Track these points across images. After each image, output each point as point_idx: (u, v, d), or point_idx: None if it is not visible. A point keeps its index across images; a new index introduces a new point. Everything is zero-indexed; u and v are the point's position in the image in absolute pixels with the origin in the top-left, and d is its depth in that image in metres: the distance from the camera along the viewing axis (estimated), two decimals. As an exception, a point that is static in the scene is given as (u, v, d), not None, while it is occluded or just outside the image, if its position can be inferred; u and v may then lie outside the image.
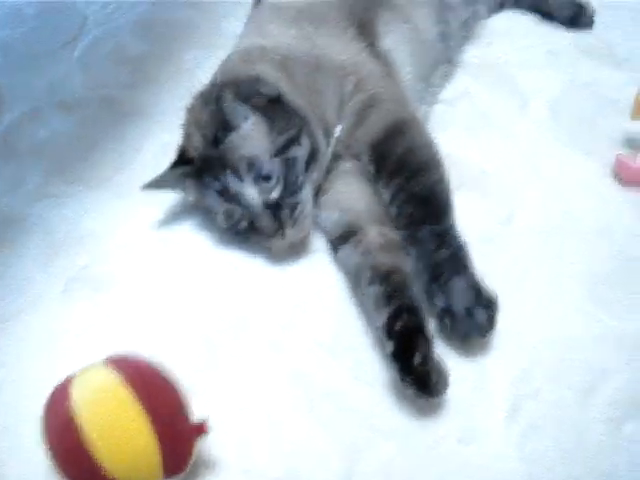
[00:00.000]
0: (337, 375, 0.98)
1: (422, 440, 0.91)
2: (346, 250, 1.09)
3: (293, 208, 1.06)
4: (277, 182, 1.05)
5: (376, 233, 1.08)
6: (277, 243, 1.09)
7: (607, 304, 1.05)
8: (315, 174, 1.11)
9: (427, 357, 0.89)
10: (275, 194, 1.06)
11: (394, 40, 1.29)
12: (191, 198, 1.15)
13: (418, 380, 0.88)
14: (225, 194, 1.06)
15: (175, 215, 1.23)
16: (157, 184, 1.14)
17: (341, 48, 1.20)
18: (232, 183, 1.05)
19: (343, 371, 0.99)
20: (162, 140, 1.36)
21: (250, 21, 1.37)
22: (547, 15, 1.65)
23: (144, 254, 1.19)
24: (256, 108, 1.07)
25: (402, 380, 0.90)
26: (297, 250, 1.14)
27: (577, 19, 1.62)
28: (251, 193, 1.05)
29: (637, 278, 1.09)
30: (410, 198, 1.06)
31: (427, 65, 1.35)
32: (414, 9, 1.36)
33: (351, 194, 1.15)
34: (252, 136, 1.06)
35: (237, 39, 1.35)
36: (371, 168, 1.13)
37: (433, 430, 0.91)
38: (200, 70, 1.54)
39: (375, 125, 1.13)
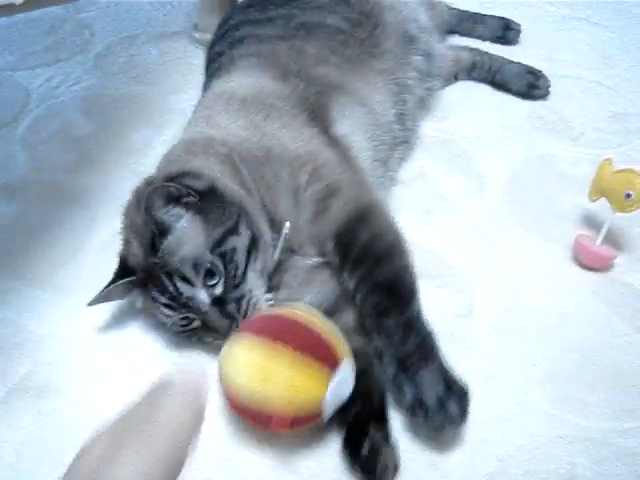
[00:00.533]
0: None
1: None
2: None
3: (238, 301, 1.01)
4: (220, 277, 1.00)
5: (352, 315, 1.07)
6: None
7: (570, 403, 1.02)
8: (259, 263, 1.05)
9: (376, 446, 0.91)
10: (218, 290, 1.01)
11: (350, 124, 1.26)
12: (139, 305, 1.08)
13: (365, 469, 0.90)
14: (175, 301, 1.00)
15: (123, 314, 1.17)
16: (103, 298, 1.08)
17: (293, 137, 1.16)
18: (183, 289, 0.99)
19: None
20: (111, 228, 1.28)
21: (200, 107, 1.32)
22: (502, 86, 1.66)
23: (90, 359, 1.11)
24: (189, 205, 1.02)
25: (352, 466, 0.92)
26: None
27: (532, 90, 1.63)
28: (202, 296, 1.00)
29: (598, 371, 1.06)
30: (375, 287, 1.03)
31: (385, 149, 1.33)
32: (370, 92, 1.33)
33: (325, 282, 1.12)
34: (188, 234, 1.01)
35: (187, 124, 1.30)
36: (335, 258, 1.09)
37: None
38: (150, 150, 1.50)
39: (337, 215, 1.09)
